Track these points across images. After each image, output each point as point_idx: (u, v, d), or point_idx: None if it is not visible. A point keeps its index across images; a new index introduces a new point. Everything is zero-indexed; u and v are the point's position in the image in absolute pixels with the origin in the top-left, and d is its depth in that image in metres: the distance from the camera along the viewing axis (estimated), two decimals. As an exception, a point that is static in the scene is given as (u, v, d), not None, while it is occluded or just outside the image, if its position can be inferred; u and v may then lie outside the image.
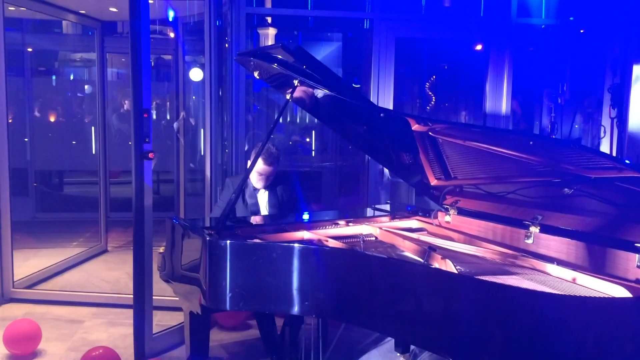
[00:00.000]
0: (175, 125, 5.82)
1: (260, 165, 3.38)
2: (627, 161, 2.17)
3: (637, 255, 2.22)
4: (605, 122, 5.20)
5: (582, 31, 5.48)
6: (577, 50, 5.75)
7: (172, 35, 6.07)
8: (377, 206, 3.79)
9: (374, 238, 3.05)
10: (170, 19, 5.39)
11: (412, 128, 2.80)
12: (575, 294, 2.13)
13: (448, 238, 2.94)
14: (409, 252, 2.75)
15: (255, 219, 3.31)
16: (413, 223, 3.32)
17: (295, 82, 2.88)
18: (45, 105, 7.73)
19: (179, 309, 3.47)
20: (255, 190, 3.54)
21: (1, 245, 4.45)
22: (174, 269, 2.97)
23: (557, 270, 2.37)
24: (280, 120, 3.17)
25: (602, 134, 5.22)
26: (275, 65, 2.82)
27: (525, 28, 5.08)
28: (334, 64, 7.08)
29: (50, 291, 4.70)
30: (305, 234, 2.95)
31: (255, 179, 3.47)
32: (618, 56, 5.06)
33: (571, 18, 5.20)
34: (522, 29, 5.04)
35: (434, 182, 3.12)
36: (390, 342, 3.77)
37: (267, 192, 3.55)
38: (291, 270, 2.50)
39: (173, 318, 3.92)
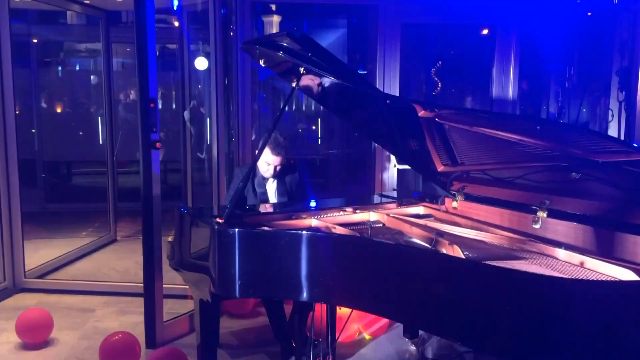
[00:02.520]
0: (186, 114, 5.83)
1: (268, 155, 3.38)
2: (635, 144, 2.16)
3: (645, 238, 2.22)
4: (613, 105, 5.16)
5: (589, 14, 5.43)
6: (584, 33, 5.70)
7: (177, 24, 6.06)
8: (384, 193, 3.80)
9: (381, 225, 3.06)
10: (175, 8, 5.38)
11: (419, 114, 2.79)
12: (584, 277, 2.14)
13: (455, 224, 2.95)
14: (417, 238, 2.76)
15: (263, 207, 3.33)
16: (420, 209, 3.33)
17: (301, 69, 2.87)
18: (51, 96, 7.76)
19: (188, 297, 3.50)
20: (265, 179, 3.54)
21: (12, 236, 4.49)
22: (183, 257, 2.99)
23: (565, 255, 2.37)
24: (286, 108, 3.16)
25: (610, 118, 5.18)
26: (280, 53, 2.81)
27: (532, 12, 5.03)
28: (340, 50, 7.06)
29: (61, 281, 4.75)
30: (313, 222, 2.96)
31: (264, 169, 3.47)
32: (626, 39, 5.01)
33: (578, 0, 5.15)
34: (528, 13, 4.99)
35: (441, 168, 3.12)
36: (399, 328, 3.79)
37: (275, 182, 3.56)
38: (299, 258, 2.51)
39: (183, 306, 3.95)
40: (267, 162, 3.42)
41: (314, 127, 8.05)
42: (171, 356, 3.18)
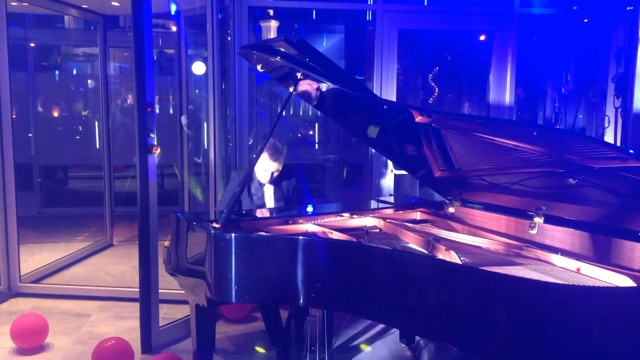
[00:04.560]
0: (183, 119, 5.83)
1: (265, 160, 3.37)
2: (631, 151, 2.16)
3: (641, 244, 2.23)
4: (610, 111, 5.19)
5: (585, 20, 5.46)
6: (581, 39, 5.72)
7: (174, 29, 6.06)
8: (381, 198, 3.80)
9: (378, 230, 3.06)
10: (173, 13, 5.38)
11: (416, 120, 2.80)
12: (580, 284, 2.14)
13: (452, 229, 2.95)
14: (413, 243, 2.75)
15: (260, 212, 3.32)
16: (417, 215, 3.33)
17: (299, 75, 2.87)
18: (48, 100, 7.75)
19: (184, 302, 3.49)
20: (261, 184, 3.54)
21: (7, 240, 4.48)
22: (180, 262, 2.98)
23: (561, 261, 2.37)
24: (284, 113, 3.16)
25: (606, 124, 5.20)
26: (278, 58, 2.82)
27: (528, 18, 5.05)
28: (337, 56, 7.07)
29: (57, 285, 4.73)
30: (309, 227, 2.96)
31: (261, 174, 3.47)
32: (622, 46, 5.04)
33: (575, 7, 5.17)
34: (525, 19, 5.02)
35: (437, 173, 3.13)
36: (395, 333, 3.78)
37: (272, 187, 3.55)
38: (296, 263, 2.51)
39: (179, 311, 3.94)
40: (265, 167, 3.42)
41: (311, 132, 8.06)
42: (167, 361, 3.16)
